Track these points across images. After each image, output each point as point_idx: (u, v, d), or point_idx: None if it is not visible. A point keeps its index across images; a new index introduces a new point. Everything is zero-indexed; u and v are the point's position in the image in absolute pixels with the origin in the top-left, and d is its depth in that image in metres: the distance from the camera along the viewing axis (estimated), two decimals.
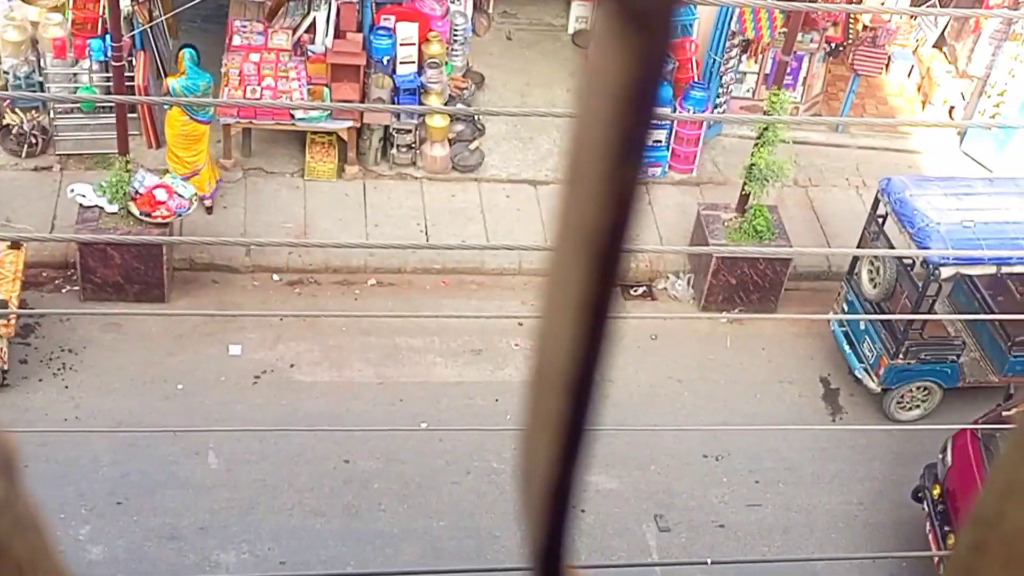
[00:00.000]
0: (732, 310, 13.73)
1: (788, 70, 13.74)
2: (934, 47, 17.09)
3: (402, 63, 14.18)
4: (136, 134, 13.79)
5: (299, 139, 14.65)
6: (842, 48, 15.77)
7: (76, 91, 13.84)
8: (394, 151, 14.68)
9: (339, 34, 14.17)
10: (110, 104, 13.33)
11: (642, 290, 14.14)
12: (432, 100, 14.25)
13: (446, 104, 14.39)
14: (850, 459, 12.39)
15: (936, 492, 11.12)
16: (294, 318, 12.83)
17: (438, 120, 14.43)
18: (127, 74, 12.86)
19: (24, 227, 12.98)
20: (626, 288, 14.07)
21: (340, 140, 14.50)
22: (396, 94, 14.20)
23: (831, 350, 13.45)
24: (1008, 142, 16.02)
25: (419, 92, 14.31)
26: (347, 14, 14.11)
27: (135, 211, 12.58)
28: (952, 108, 16.85)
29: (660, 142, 15.01)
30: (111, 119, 12.97)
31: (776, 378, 13.21)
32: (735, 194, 13.78)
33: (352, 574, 10.58)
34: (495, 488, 11.52)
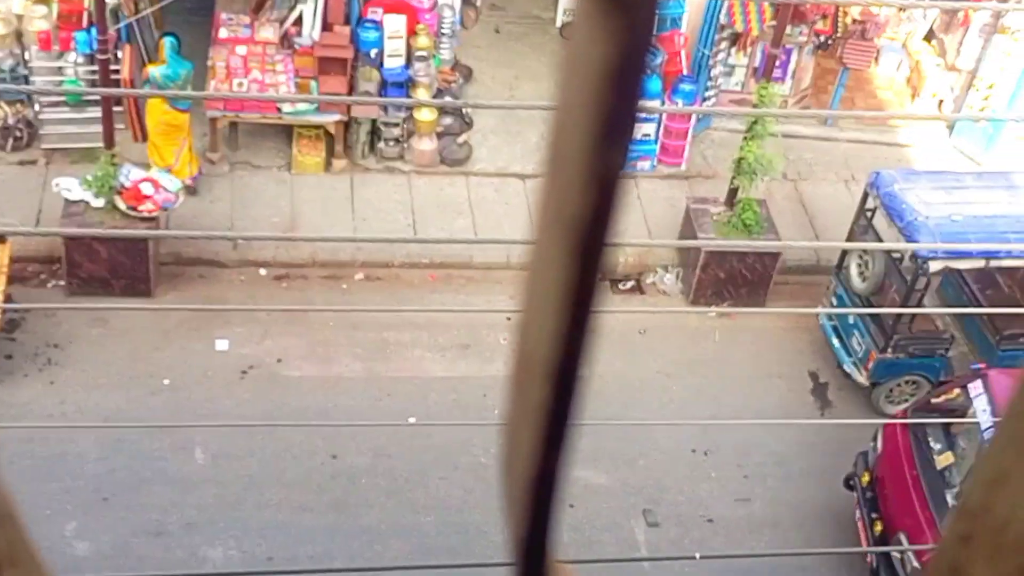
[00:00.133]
0: (721, 304, 13.73)
1: (777, 63, 13.74)
2: (923, 40, 17.10)
3: (390, 56, 14.14)
4: (122, 128, 13.70)
5: (286, 133, 14.60)
6: (831, 41, 15.77)
7: (61, 84, 13.78)
8: (382, 145, 14.64)
9: (326, 27, 14.13)
10: (96, 97, 13.29)
11: (631, 284, 14.13)
12: (420, 93, 14.21)
13: (434, 97, 14.36)
14: (839, 453, 12.38)
15: (865, 479, 11.16)
16: (281, 313, 12.80)
17: (426, 113, 14.40)
18: (112, 67, 12.80)
19: (9, 221, 12.90)
20: (614, 282, 14.07)
21: (327, 134, 14.45)
22: (384, 87, 14.16)
23: (820, 344, 13.46)
24: (997, 136, 16.05)
25: (407, 85, 14.27)
26: (334, 7, 14.07)
27: (121, 205, 12.52)
28: (941, 101, 16.87)
29: (649, 135, 15.01)
30: (97, 112, 12.92)
31: (765, 372, 13.21)
32: (724, 188, 13.78)
33: (340, 570, 10.55)
34: (483, 483, 11.50)
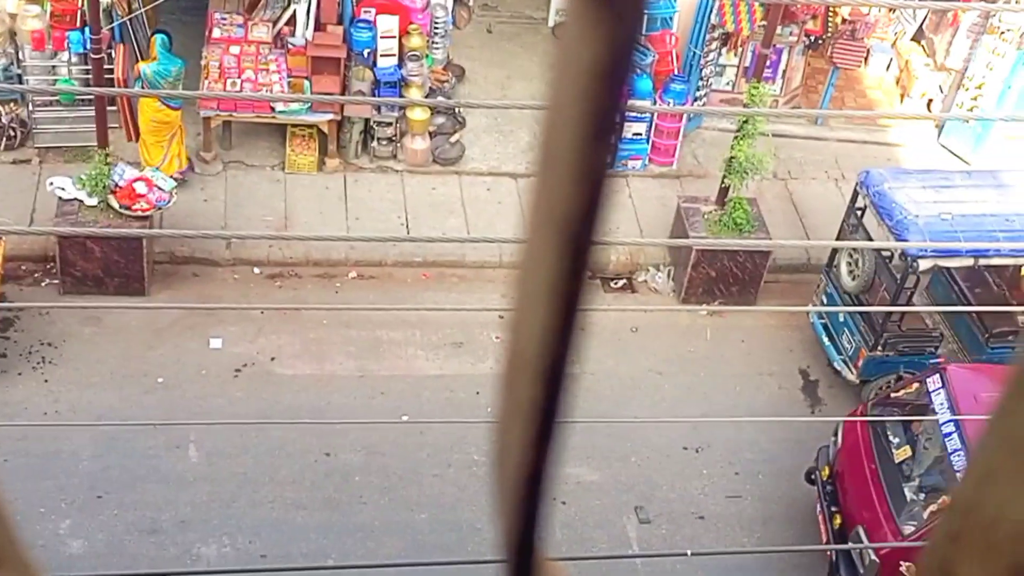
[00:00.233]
0: (712, 303, 13.77)
1: (768, 63, 13.79)
2: (912, 40, 17.17)
3: (382, 56, 14.16)
4: (116, 127, 13.70)
5: (279, 132, 14.61)
6: (821, 41, 15.83)
7: (55, 83, 13.78)
8: (375, 144, 14.66)
9: (319, 27, 14.15)
10: (89, 97, 13.29)
11: (622, 283, 14.17)
12: (413, 93, 14.23)
13: (427, 97, 14.38)
14: None
15: (825, 473, 11.19)
16: (275, 311, 12.81)
17: (419, 113, 14.43)
18: (106, 66, 12.79)
19: (3, 220, 12.90)
20: (606, 280, 14.11)
21: (321, 133, 14.47)
22: (376, 87, 14.17)
23: (810, 342, 13.50)
24: (986, 135, 16.10)
25: (399, 85, 14.29)
26: (327, 7, 14.09)
27: (115, 204, 12.53)
28: (930, 101, 16.92)
29: (640, 135, 15.04)
30: (90, 112, 12.91)
31: (756, 370, 13.25)
32: (715, 187, 13.82)
33: (333, 567, 10.55)
34: (476, 481, 11.52)
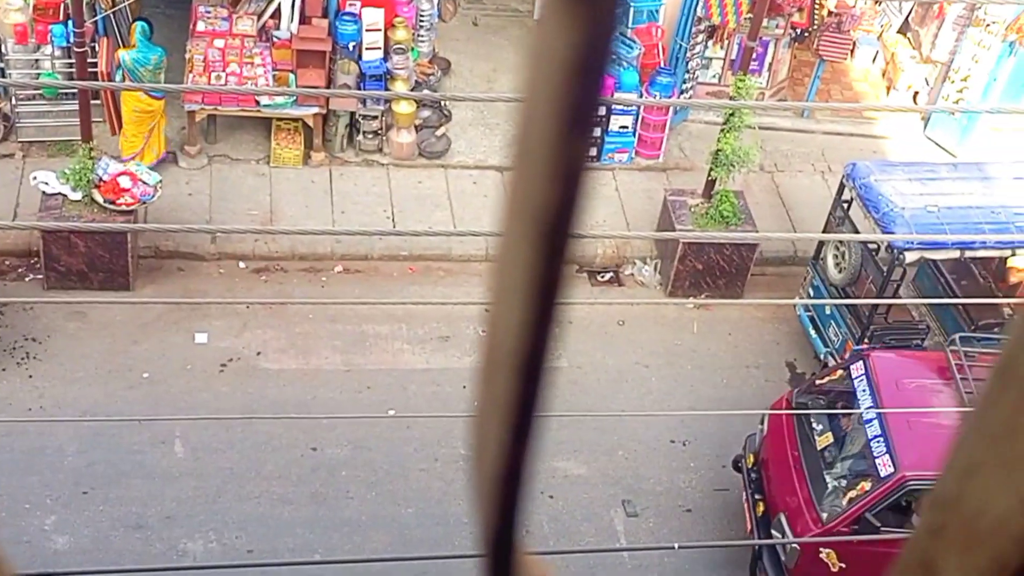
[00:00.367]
0: (699, 295, 13.78)
1: (754, 56, 13.79)
2: (898, 33, 17.18)
3: (368, 49, 14.12)
4: (99, 121, 13.66)
5: (264, 125, 14.57)
6: (807, 34, 15.83)
7: (38, 77, 13.71)
8: (360, 137, 14.63)
9: (304, 20, 14.09)
10: (73, 90, 13.22)
11: (609, 276, 14.16)
12: (398, 86, 14.20)
13: (412, 90, 14.35)
14: None
15: (750, 461, 11.19)
16: (260, 306, 12.77)
17: (404, 106, 14.39)
18: (90, 60, 12.73)
19: None
20: (593, 274, 14.11)
21: (306, 126, 14.43)
22: (362, 80, 14.14)
23: (797, 335, 13.52)
24: (971, 127, 16.14)
25: (385, 78, 14.25)
26: (312, 0, 14.03)
27: (99, 198, 12.48)
28: (916, 93, 16.95)
29: (626, 128, 15.04)
30: (74, 106, 12.87)
31: (743, 363, 13.27)
32: (701, 180, 13.82)
33: (320, 562, 10.54)
34: (463, 475, 11.50)
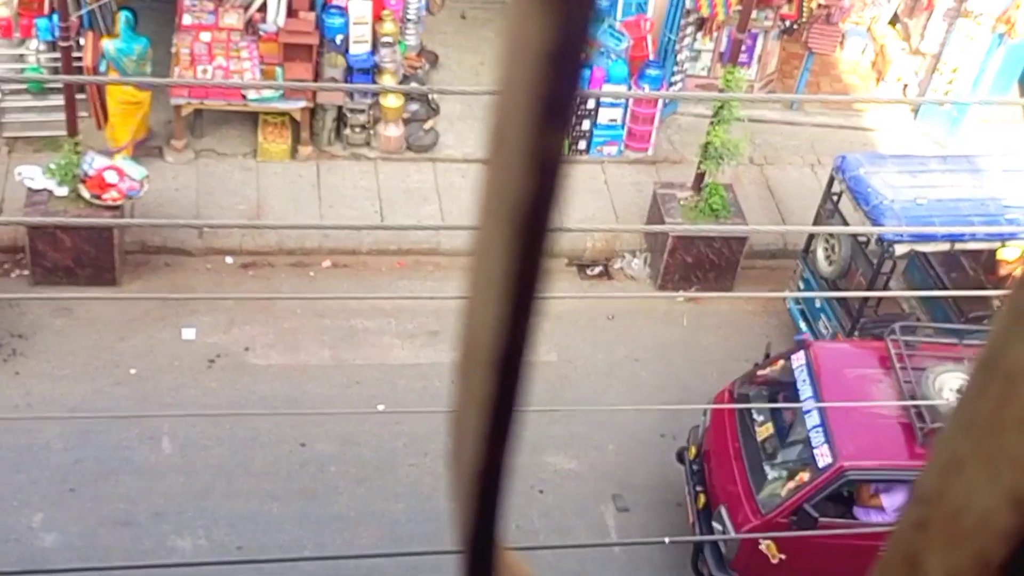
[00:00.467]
0: (689, 289, 13.76)
1: (743, 48, 13.77)
2: (888, 24, 17.19)
3: (355, 42, 14.07)
4: (85, 115, 13.60)
5: (251, 120, 14.52)
6: (796, 26, 15.82)
7: (23, 72, 13.64)
8: (348, 131, 14.58)
9: (291, 13, 14.04)
10: (58, 85, 13.16)
11: (598, 269, 14.15)
12: (386, 79, 14.15)
13: (400, 83, 14.31)
14: None
15: (692, 453, 11.16)
16: (248, 301, 12.74)
17: (392, 100, 14.35)
18: (75, 54, 12.67)
19: None
20: (583, 268, 14.10)
21: (293, 121, 14.38)
22: (349, 73, 14.10)
23: (787, 328, 13.51)
24: (961, 119, 16.16)
25: (373, 71, 14.21)
26: None
27: (85, 193, 12.41)
28: (906, 85, 16.96)
29: (616, 121, 15.02)
30: (59, 100, 12.81)
31: (733, 356, 13.24)
32: (691, 173, 13.81)
33: (310, 558, 10.52)
34: None
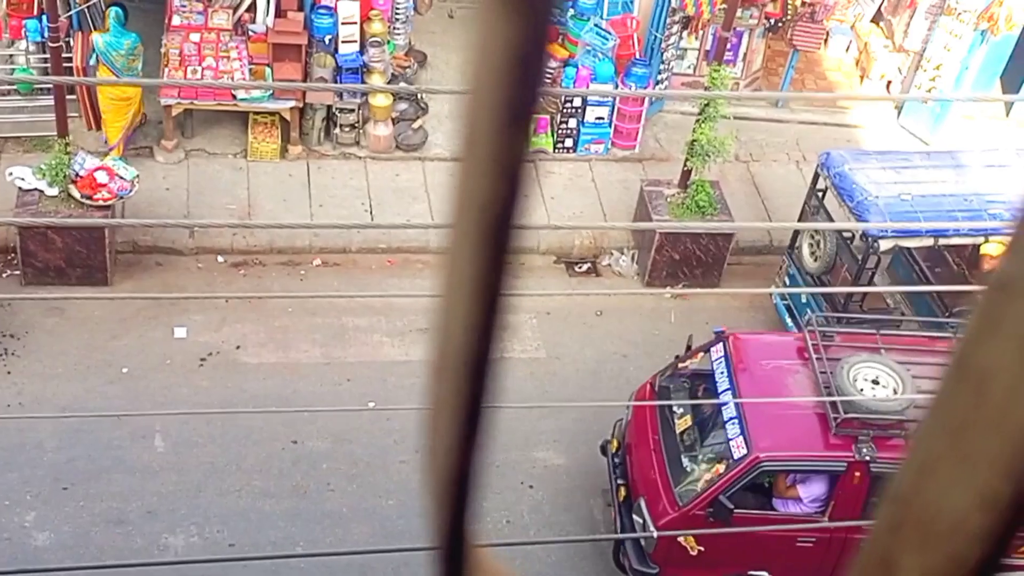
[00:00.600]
0: (676, 285, 13.83)
1: (728, 46, 13.84)
2: (871, 22, 17.27)
3: (344, 42, 14.11)
4: (75, 116, 13.62)
5: (241, 120, 14.54)
6: (781, 24, 15.89)
7: (13, 73, 13.66)
8: (337, 131, 14.62)
9: (280, 13, 14.07)
10: (48, 86, 13.18)
11: (586, 266, 14.22)
12: (375, 79, 14.19)
13: (389, 83, 14.35)
14: None
15: (615, 445, 11.14)
16: (239, 300, 12.76)
17: (381, 99, 14.40)
18: (65, 55, 12.70)
19: None
20: (571, 265, 14.16)
21: (283, 120, 14.42)
22: (338, 73, 14.13)
23: (774, 323, 13.56)
24: (944, 116, 16.24)
25: (361, 71, 14.25)
26: None
27: (76, 194, 12.45)
28: (889, 82, 17.04)
29: (602, 119, 15.08)
30: (49, 101, 12.83)
31: None
32: (677, 170, 13.87)
33: (302, 555, 10.55)
34: None
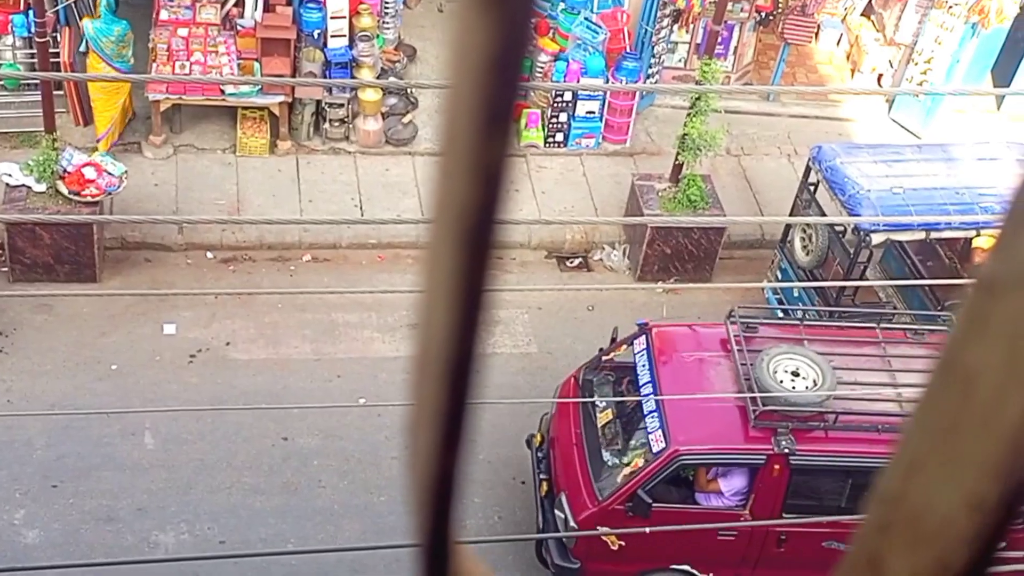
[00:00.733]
0: (668, 280, 13.82)
1: (719, 39, 13.81)
2: (862, 15, 17.26)
3: (333, 36, 14.05)
4: (63, 111, 13.57)
5: (230, 115, 14.49)
6: (772, 17, 15.88)
7: None
8: (326, 126, 14.58)
9: (268, 8, 14.01)
10: (35, 81, 13.12)
11: (578, 261, 14.19)
12: (364, 74, 14.15)
13: (378, 77, 14.31)
14: None
15: (539, 439, 11.09)
16: (229, 296, 12.73)
17: (370, 94, 14.35)
18: (52, 50, 12.63)
19: None
20: (562, 259, 14.14)
21: (272, 115, 14.37)
22: (327, 68, 14.08)
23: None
24: (935, 109, 16.24)
25: (351, 66, 14.20)
26: None
27: (64, 190, 12.39)
28: (880, 76, 17.04)
29: (593, 113, 15.05)
30: (36, 96, 12.77)
31: None
32: (669, 164, 13.85)
33: (293, 552, 10.53)
34: None
